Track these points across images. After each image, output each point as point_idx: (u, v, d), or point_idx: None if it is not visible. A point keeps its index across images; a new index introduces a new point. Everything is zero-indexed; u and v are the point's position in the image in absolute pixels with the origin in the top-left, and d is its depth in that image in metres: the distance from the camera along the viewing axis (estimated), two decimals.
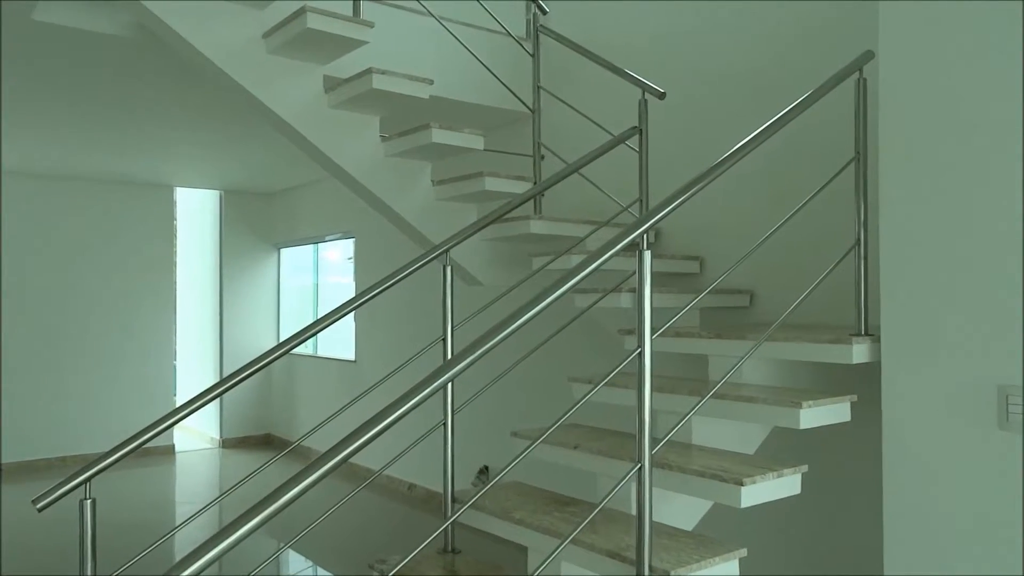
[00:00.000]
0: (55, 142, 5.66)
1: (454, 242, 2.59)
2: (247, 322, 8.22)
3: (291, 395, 7.94)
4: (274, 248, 8.42)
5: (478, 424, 5.17)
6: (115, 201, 7.55)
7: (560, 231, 3.37)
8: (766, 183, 3.44)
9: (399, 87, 3.07)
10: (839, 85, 2.50)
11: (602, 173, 4.14)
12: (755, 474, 2.02)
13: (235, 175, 7.21)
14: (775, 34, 3.42)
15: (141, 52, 3.59)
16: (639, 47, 4.05)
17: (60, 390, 7.25)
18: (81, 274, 7.37)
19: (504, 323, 1.57)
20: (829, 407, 2.26)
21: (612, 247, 1.77)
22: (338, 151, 3.20)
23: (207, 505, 2.03)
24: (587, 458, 2.40)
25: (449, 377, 1.45)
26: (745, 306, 3.48)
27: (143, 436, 1.95)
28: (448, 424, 2.45)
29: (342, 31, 2.93)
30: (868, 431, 3.05)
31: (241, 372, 2.14)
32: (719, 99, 3.66)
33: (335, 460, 1.32)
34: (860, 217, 2.48)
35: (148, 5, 2.80)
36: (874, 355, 2.34)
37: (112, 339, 7.52)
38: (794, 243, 3.30)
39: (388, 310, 6.34)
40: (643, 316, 1.81)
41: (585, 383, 2.69)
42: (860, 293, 2.45)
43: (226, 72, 2.98)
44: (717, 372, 2.67)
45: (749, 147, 2.18)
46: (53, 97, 4.39)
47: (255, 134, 5.44)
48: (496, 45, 4.24)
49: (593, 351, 4.33)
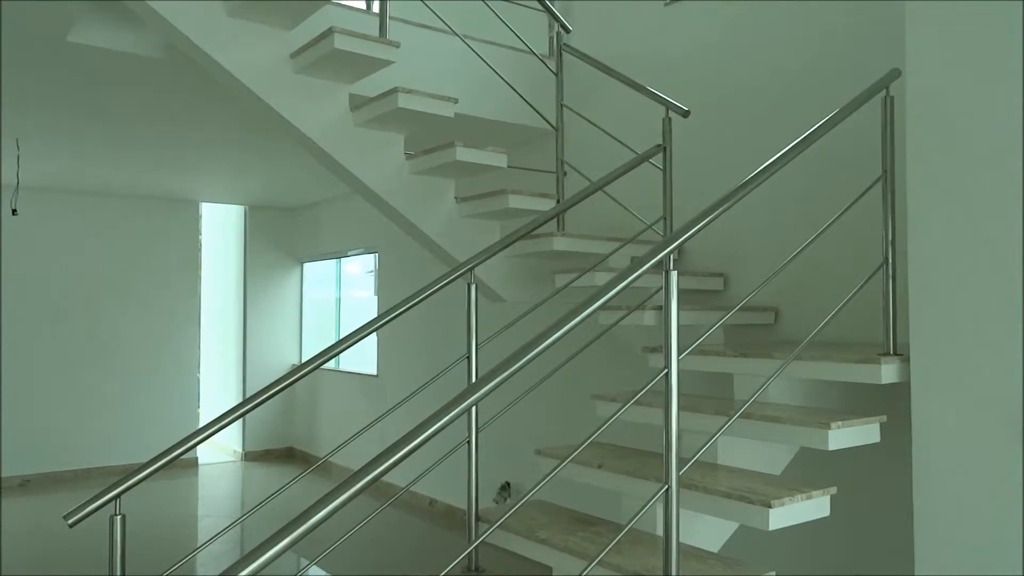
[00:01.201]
0: (84, 159, 5.76)
1: (479, 260, 2.59)
2: (270, 335, 8.29)
3: (313, 409, 7.98)
4: (297, 262, 8.49)
5: (499, 439, 5.16)
6: (142, 216, 7.66)
7: (583, 248, 3.37)
8: (791, 200, 3.42)
9: (424, 106, 3.09)
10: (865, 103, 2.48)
11: (625, 189, 4.15)
12: (783, 496, 2.00)
13: (259, 190, 7.29)
14: (799, 52, 3.41)
15: (171, 72, 3.65)
16: (663, 65, 4.06)
17: (86, 402, 7.34)
18: (108, 288, 7.47)
19: (530, 345, 1.58)
20: (858, 428, 2.23)
21: (638, 267, 1.77)
22: (363, 169, 3.23)
23: (236, 520, 2.04)
24: (611, 478, 2.39)
25: (474, 400, 1.45)
26: (770, 323, 3.45)
27: (172, 452, 1.97)
28: (472, 442, 2.45)
29: (369, 51, 2.97)
30: (897, 451, 3.01)
31: (268, 390, 2.16)
32: (743, 116, 3.65)
33: (363, 482, 1.32)
34: (888, 235, 2.46)
35: (179, 26, 2.85)
36: (903, 375, 2.32)
37: (138, 352, 7.61)
38: (819, 260, 3.27)
39: (410, 325, 6.36)
40: (670, 336, 1.81)
41: (609, 401, 2.68)
42: (888, 312, 2.43)
43: (254, 91, 3.02)
44: (743, 391, 2.65)
45: (775, 167, 2.18)
46: (84, 115, 4.48)
47: (280, 151, 5.50)
48: (520, 63, 4.26)
49: (615, 367, 4.31)
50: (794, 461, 3.26)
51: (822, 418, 2.20)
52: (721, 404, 2.51)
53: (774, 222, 3.49)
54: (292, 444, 8.34)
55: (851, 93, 3.20)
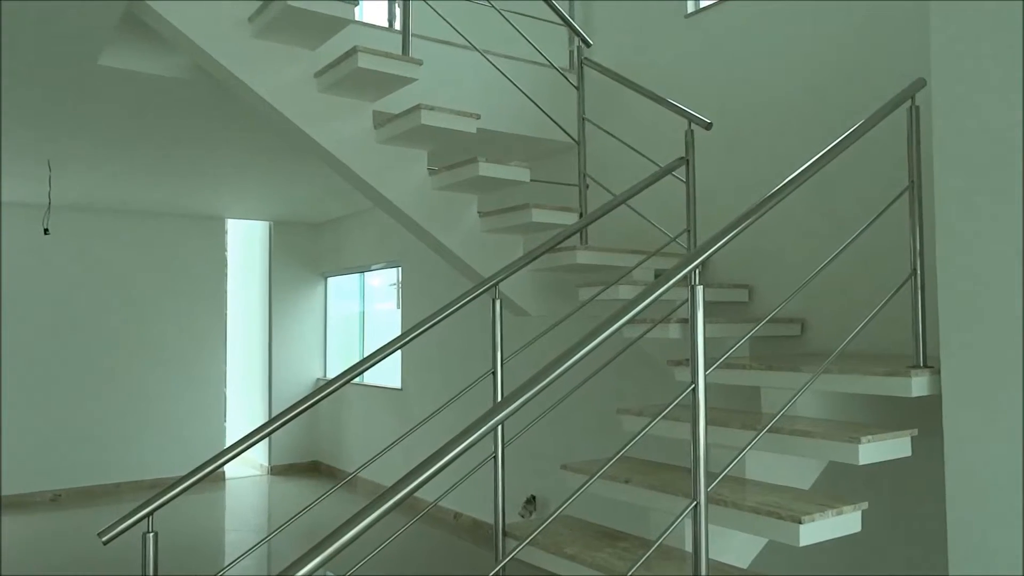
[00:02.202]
0: (113, 178, 5.87)
1: (504, 275, 2.60)
2: (295, 350, 8.35)
3: (338, 423, 8.02)
4: (321, 277, 8.56)
5: (523, 452, 5.15)
6: (170, 233, 7.77)
7: (606, 261, 3.37)
8: (815, 210, 3.40)
9: (447, 123, 3.12)
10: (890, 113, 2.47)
11: (647, 201, 4.14)
12: (813, 511, 1.98)
13: (284, 206, 7.37)
14: (822, 62, 3.40)
15: (198, 92, 3.71)
16: (684, 77, 4.06)
17: (115, 417, 7.43)
18: (136, 303, 7.58)
19: (556, 362, 1.58)
20: (889, 442, 2.21)
21: (664, 283, 1.77)
22: (387, 185, 3.26)
23: (267, 536, 2.06)
24: (639, 493, 2.38)
25: (501, 418, 1.46)
26: (796, 335, 3.42)
27: (202, 471, 1.99)
28: (498, 457, 2.45)
29: (392, 69, 3.00)
30: (929, 465, 2.96)
31: (295, 407, 2.18)
32: (766, 127, 3.64)
33: (393, 500, 1.33)
34: (916, 246, 2.44)
35: (207, 49, 2.90)
36: (934, 388, 2.29)
37: (166, 367, 7.70)
38: (845, 270, 3.25)
39: (433, 338, 6.39)
40: (696, 351, 1.80)
41: (635, 415, 2.67)
42: (918, 324, 2.40)
43: (279, 111, 3.06)
44: (770, 404, 2.63)
45: (800, 180, 2.17)
46: (114, 136, 4.56)
47: (305, 167, 5.56)
48: (541, 77, 4.28)
49: (640, 380, 4.30)
50: (823, 475, 3.23)
51: (852, 432, 2.17)
52: (748, 418, 2.49)
53: (798, 232, 3.46)
54: (317, 458, 8.38)
55: (875, 103, 3.19)
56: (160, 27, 2.93)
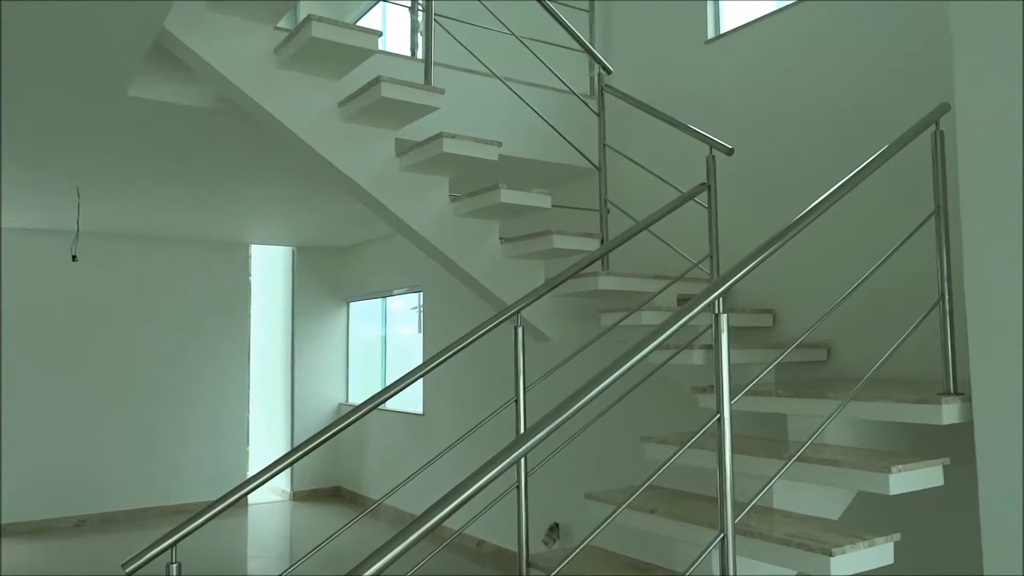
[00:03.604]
0: (140, 205, 5.96)
1: (526, 303, 2.60)
2: (317, 375, 8.38)
3: (360, 448, 8.02)
4: (343, 302, 8.60)
5: (546, 479, 5.11)
6: (194, 259, 7.87)
7: (628, 287, 3.36)
8: (839, 234, 3.37)
9: (469, 150, 3.14)
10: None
11: (668, 226, 4.13)
12: (844, 543, 1.94)
13: (307, 232, 7.44)
14: (844, 85, 3.39)
15: (224, 122, 3.77)
16: (705, 102, 4.06)
17: (139, 443, 7.48)
18: (161, 329, 7.66)
19: (581, 392, 1.57)
20: (920, 471, 2.16)
21: (688, 312, 1.76)
22: (409, 213, 3.28)
23: (292, 565, 2.05)
24: (665, 523, 2.35)
25: (525, 450, 1.45)
26: (822, 360, 3.38)
27: (226, 500, 1.99)
28: (522, 486, 2.43)
29: (415, 99, 3.03)
30: (962, 494, 2.90)
31: (319, 436, 2.18)
32: (788, 152, 3.62)
33: (418, 532, 1.32)
34: (943, 272, 2.41)
35: (234, 80, 2.95)
36: (965, 415, 2.24)
37: (189, 392, 7.76)
38: (870, 295, 3.21)
39: (455, 363, 6.38)
40: (721, 380, 1.78)
41: (659, 443, 2.64)
42: (947, 350, 2.36)
43: (304, 140, 3.10)
44: (797, 432, 2.59)
45: (824, 206, 2.15)
46: (141, 164, 4.64)
47: (328, 194, 5.62)
48: (561, 103, 4.31)
49: (662, 406, 4.26)
50: (853, 505, 3.17)
51: (882, 461, 2.13)
52: (775, 446, 2.46)
53: (823, 256, 3.43)
54: (339, 483, 8.37)
55: (898, 127, 3.16)
56: (187, 58, 2.98)
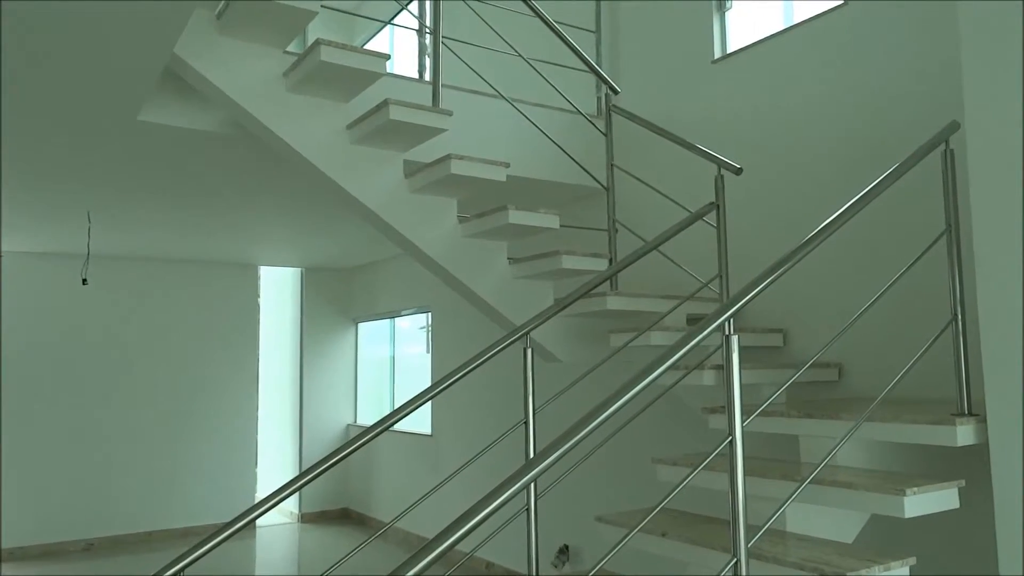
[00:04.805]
0: (150, 228, 6.00)
1: (535, 324, 2.59)
2: (326, 395, 8.38)
3: (369, 470, 7.99)
4: (352, 322, 8.61)
5: (556, 500, 5.08)
6: (204, 281, 7.90)
7: (637, 307, 3.35)
8: (849, 253, 3.35)
9: (477, 171, 3.15)
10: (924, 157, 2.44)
11: (676, 245, 4.12)
12: (859, 567, 1.91)
13: (316, 253, 7.47)
14: (852, 105, 3.38)
15: (234, 146, 3.80)
16: (713, 122, 4.07)
17: (148, 465, 7.47)
18: (170, 350, 7.67)
19: (591, 415, 1.56)
20: (935, 494, 2.13)
21: (698, 334, 1.75)
22: (418, 234, 3.29)
23: None
24: (677, 547, 2.32)
25: (535, 474, 1.44)
26: (834, 380, 3.35)
27: (234, 525, 1.98)
28: (531, 509, 2.41)
29: (423, 121, 3.04)
30: (978, 516, 2.86)
31: (328, 459, 2.17)
32: (797, 171, 3.62)
33: (428, 559, 1.31)
34: (955, 292, 2.39)
35: (243, 104, 2.97)
36: (980, 436, 2.21)
37: (198, 413, 7.76)
38: (882, 314, 3.19)
39: (464, 384, 6.36)
40: (732, 403, 1.77)
41: (671, 465, 2.62)
42: (961, 370, 2.34)
43: (312, 162, 3.12)
44: (809, 453, 2.57)
45: (835, 225, 2.14)
46: (151, 187, 4.67)
47: (337, 216, 5.64)
48: (569, 123, 4.32)
49: (673, 427, 4.23)
50: (867, 527, 3.13)
51: (896, 483, 2.11)
52: (787, 468, 2.43)
53: (833, 275, 3.42)
54: (348, 505, 8.33)
55: (907, 146, 3.16)
56: (197, 83, 3.01)
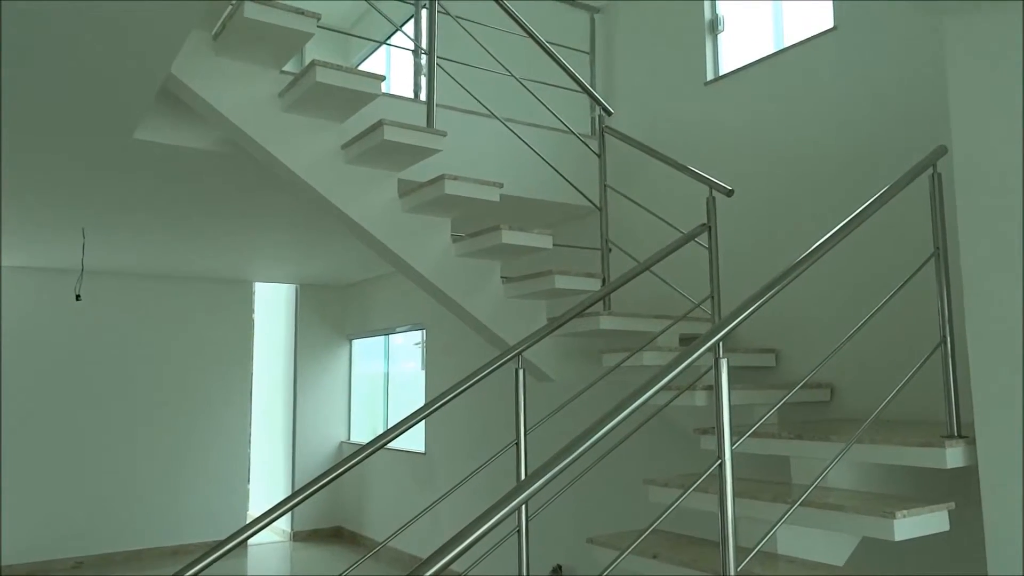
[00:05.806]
0: (145, 244, 6.00)
1: (528, 344, 2.60)
2: (319, 412, 8.35)
3: (361, 488, 7.95)
4: (346, 339, 8.60)
5: (547, 520, 5.06)
6: (197, 297, 7.89)
7: (630, 327, 3.36)
8: (840, 275, 3.38)
9: (471, 192, 3.17)
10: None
11: (669, 266, 4.14)
12: None
13: (311, 270, 7.47)
14: (842, 128, 3.42)
15: (229, 164, 3.81)
16: (705, 143, 4.10)
17: (139, 482, 7.43)
18: (163, 367, 7.65)
19: (582, 437, 1.56)
20: (925, 516, 2.14)
21: (688, 356, 1.76)
22: (412, 253, 3.30)
23: None
24: (668, 569, 2.32)
25: (526, 496, 1.44)
26: (825, 401, 3.37)
27: (225, 545, 1.98)
28: (522, 531, 2.41)
29: (417, 141, 3.07)
30: (967, 538, 2.86)
31: (321, 478, 2.17)
32: (787, 193, 3.65)
33: None
34: (944, 314, 2.41)
35: (239, 123, 2.99)
36: (969, 458, 2.23)
37: (190, 431, 7.72)
38: (872, 335, 3.21)
39: (457, 402, 6.36)
40: (722, 425, 1.78)
41: (662, 486, 2.63)
42: (950, 392, 2.36)
43: (307, 182, 3.13)
44: (800, 475, 2.58)
45: (826, 247, 2.16)
46: (146, 205, 4.68)
47: (332, 234, 5.66)
48: (562, 143, 4.35)
49: (666, 447, 4.23)
50: (858, 549, 3.13)
51: (886, 506, 2.12)
52: (778, 490, 2.44)
53: (824, 296, 3.44)
54: (340, 523, 8.28)
55: (896, 169, 3.19)
56: (193, 103, 3.03)
